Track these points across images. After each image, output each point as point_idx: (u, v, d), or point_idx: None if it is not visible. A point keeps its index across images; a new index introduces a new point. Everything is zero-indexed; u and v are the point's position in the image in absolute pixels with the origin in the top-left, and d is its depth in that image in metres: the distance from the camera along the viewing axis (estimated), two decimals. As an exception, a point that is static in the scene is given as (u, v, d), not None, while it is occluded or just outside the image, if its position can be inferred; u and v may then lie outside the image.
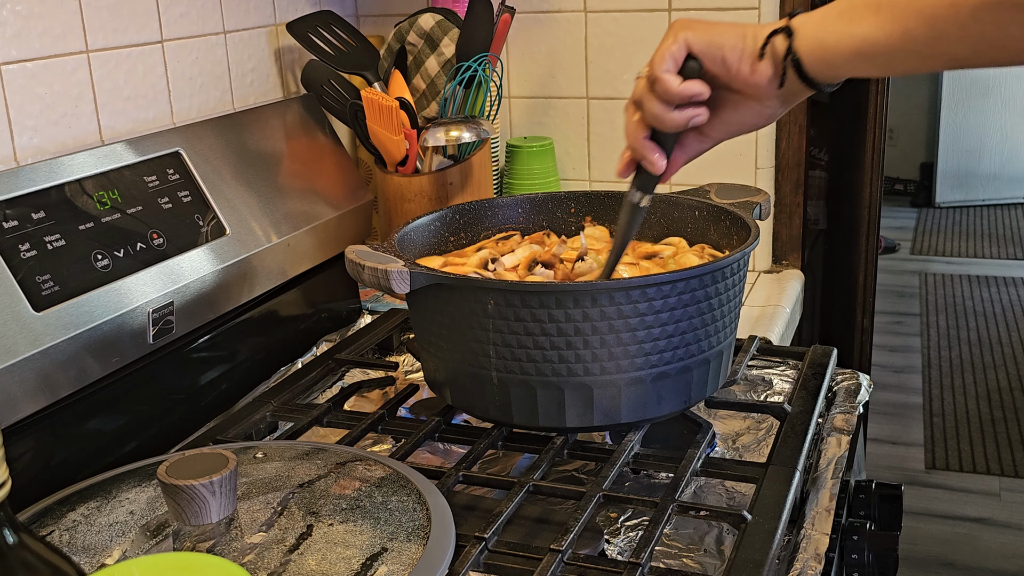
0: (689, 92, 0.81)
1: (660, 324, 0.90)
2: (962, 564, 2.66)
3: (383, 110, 1.35)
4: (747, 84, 0.80)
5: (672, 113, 0.82)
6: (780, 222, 1.56)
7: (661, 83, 0.81)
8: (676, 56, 0.81)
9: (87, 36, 1.09)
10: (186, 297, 1.06)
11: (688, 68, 0.81)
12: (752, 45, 0.79)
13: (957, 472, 3.08)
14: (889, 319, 4.17)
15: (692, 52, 0.81)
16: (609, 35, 1.54)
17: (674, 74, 0.81)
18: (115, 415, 1.01)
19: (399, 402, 1.08)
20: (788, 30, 0.77)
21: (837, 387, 1.14)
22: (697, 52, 0.81)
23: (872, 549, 0.96)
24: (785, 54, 0.77)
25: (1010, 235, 5.20)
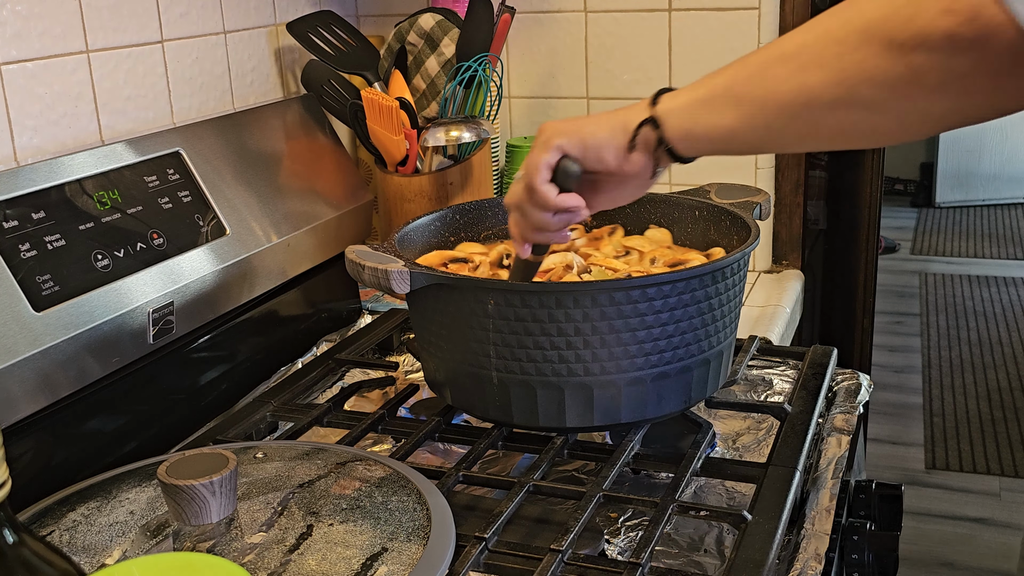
0: (565, 205, 0.84)
1: (660, 324, 0.90)
2: (962, 564, 2.66)
3: (383, 110, 1.35)
4: (624, 173, 0.84)
5: (552, 220, 0.86)
6: (780, 222, 1.56)
7: (539, 195, 0.84)
8: (551, 164, 0.84)
9: (87, 36, 1.09)
10: (186, 297, 1.06)
11: (563, 172, 0.83)
12: (623, 139, 0.82)
13: (957, 472, 3.08)
14: (889, 319, 4.17)
15: (568, 156, 0.84)
16: (609, 35, 1.54)
17: (549, 183, 0.84)
18: (115, 415, 1.01)
19: (399, 402, 1.08)
20: (654, 121, 0.79)
21: (837, 387, 1.14)
22: (573, 156, 0.84)
23: (872, 549, 0.96)
24: (656, 144, 0.80)
25: (1010, 235, 5.20)
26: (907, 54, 0.62)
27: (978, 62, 0.60)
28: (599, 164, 0.83)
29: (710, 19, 1.48)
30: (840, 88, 0.66)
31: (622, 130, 0.82)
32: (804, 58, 0.68)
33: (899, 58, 0.62)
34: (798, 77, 0.69)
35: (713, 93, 0.76)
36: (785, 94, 0.70)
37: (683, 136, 0.79)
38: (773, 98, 0.71)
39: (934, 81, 0.62)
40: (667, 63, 1.52)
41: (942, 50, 0.60)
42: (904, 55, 0.62)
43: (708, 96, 0.77)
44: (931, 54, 0.61)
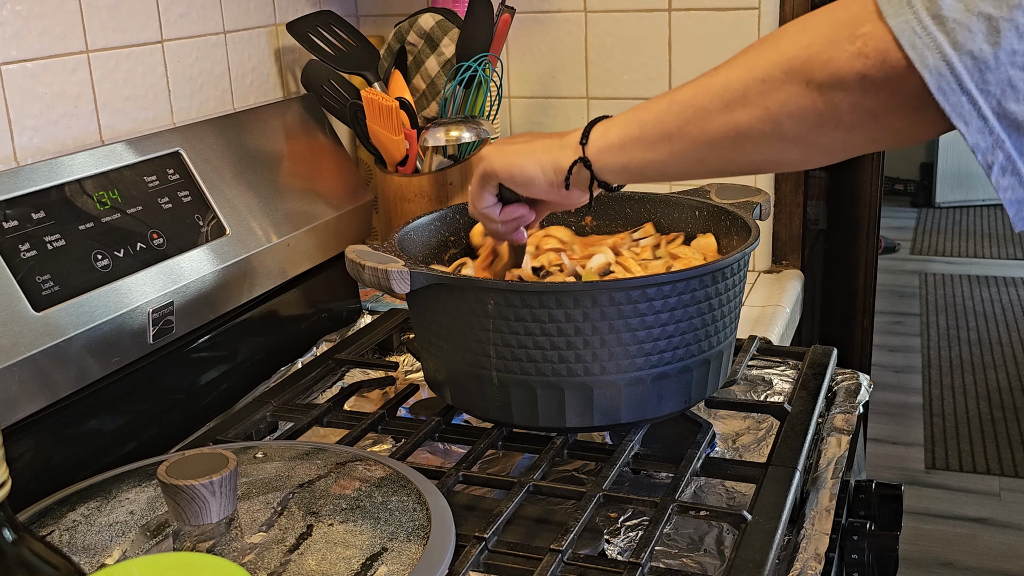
0: (510, 218, 0.95)
1: (660, 324, 0.90)
2: (962, 564, 2.66)
3: (383, 110, 1.35)
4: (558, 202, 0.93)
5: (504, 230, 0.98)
6: (780, 222, 1.56)
7: (485, 218, 0.96)
8: (490, 192, 0.94)
9: (87, 36, 1.09)
10: (186, 297, 1.06)
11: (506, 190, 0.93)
12: (555, 177, 0.88)
13: (957, 472, 3.08)
14: (889, 319, 4.17)
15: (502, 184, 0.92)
16: (609, 35, 1.54)
17: (493, 205, 0.95)
18: (115, 415, 1.01)
19: (399, 402, 1.08)
20: (587, 162, 0.85)
21: (837, 387, 1.14)
22: (507, 185, 0.92)
23: (872, 549, 0.96)
24: (591, 182, 0.86)
25: (1010, 235, 5.20)
26: (825, 93, 0.66)
27: (889, 100, 0.63)
28: (531, 191, 0.91)
29: (710, 19, 1.48)
30: (767, 125, 0.70)
31: (553, 169, 0.88)
32: (731, 95, 0.72)
33: (818, 96, 0.66)
34: (726, 115, 0.73)
35: (644, 131, 0.80)
36: (715, 131, 0.74)
37: (618, 171, 0.84)
38: (703, 135, 0.75)
39: (850, 118, 0.66)
40: (667, 63, 1.52)
41: (857, 90, 0.64)
42: (823, 94, 0.66)
43: (639, 135, 0.81)
44: (847, 93, 0.65)
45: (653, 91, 1.53)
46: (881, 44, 0.62)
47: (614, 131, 0.84)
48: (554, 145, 0.89)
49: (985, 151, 0.62)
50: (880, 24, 0.62)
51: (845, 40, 0.64)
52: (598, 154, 0.85)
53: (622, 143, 0.83)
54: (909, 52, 0.60)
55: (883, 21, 0.62)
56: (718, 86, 0.74)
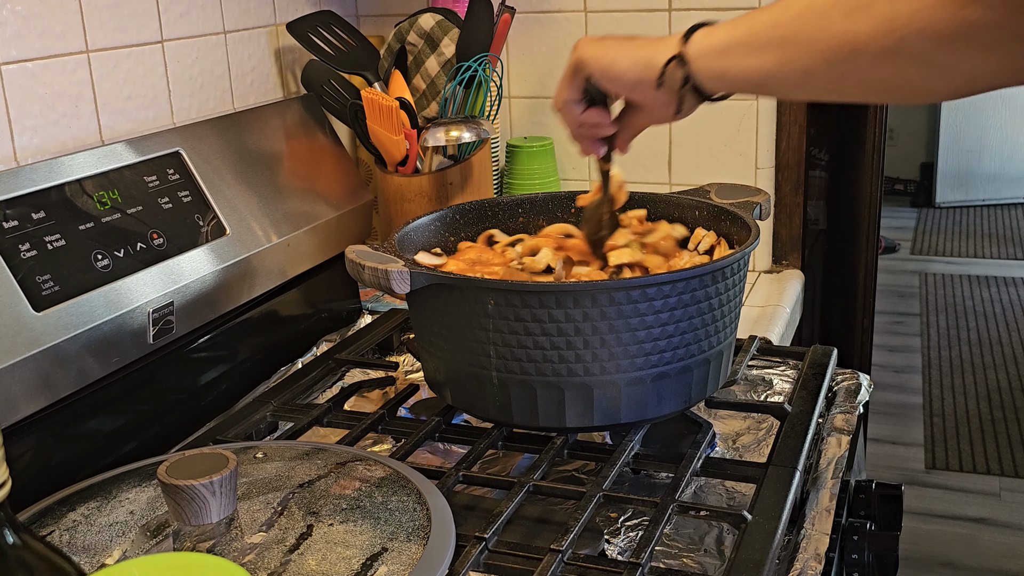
0: (588, 121, 0.91)
1: (660, 324, 0.90)
2: (962, 564, 2.66)
3: (383, 110, 1.35)
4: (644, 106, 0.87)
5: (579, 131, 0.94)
6: (780, 222, 1.56)
7: (564, 114, 0.92)
8: (577, 85, 0.88)
9: (87, 36, 1.09)
10: (186, 297, 1.06)
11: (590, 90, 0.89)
12: (646, 74, 0.83)
13: (957, 472, 3.08)
14: (889, 319, 4.17)
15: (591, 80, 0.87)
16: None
17: (576, 103, 0.90)
18: (115, 415, 1.01)
19: (399, 402, 1.08)
20: (682, 59, 0.79)
21: (837, 387, 1.14)
22: (596, 81, 0.87)
23: (872, 549, 0.96)
24: (682, 83, 0.80)
25: (1010, 235, 5.20)
26: (963, 7, 0.60)
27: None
28: (619, 91, 0.86)
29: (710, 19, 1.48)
30: (889, 38, 0.64)
31: (645, 64, 0.82)
32: (853, 3, 0.66)
33: (955, 11, 0.60)
34: (845, 23, 0.66)
35: (753, 34, 0.74)
36: (830, 39, 0.68)
37: (715, 76, 0.78)
38: (817, 43, 0.69)
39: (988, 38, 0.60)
40: (667, 63, 1.52)
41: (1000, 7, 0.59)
42: (960, 8, 0.60)
43: (747, 38, 0.74)
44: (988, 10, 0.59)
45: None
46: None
47: (719, 32, 0.77)
48: (652, 43, 0.82)
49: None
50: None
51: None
52: (698, 54, 0.78)
53: (727, 45, 0.76)
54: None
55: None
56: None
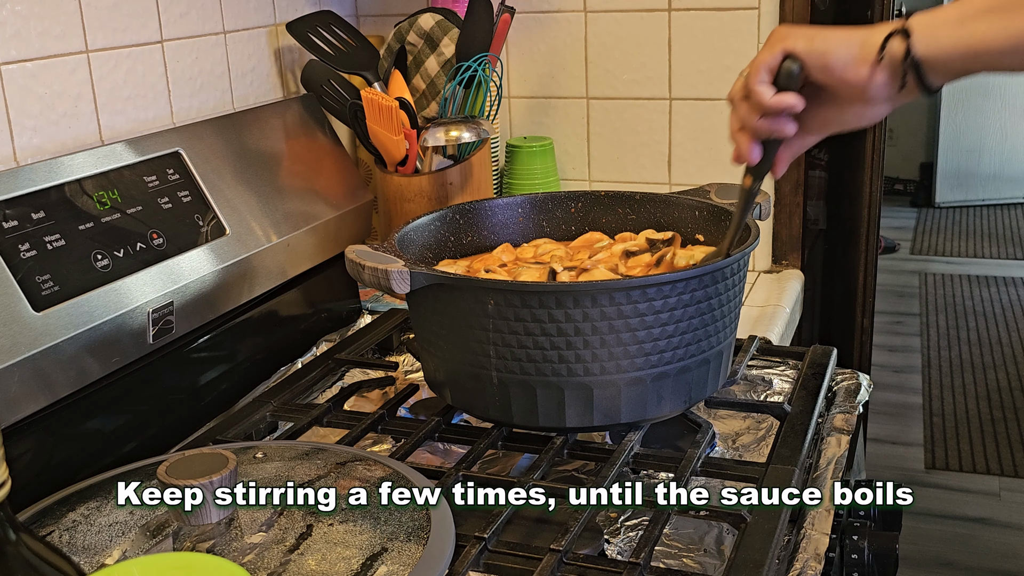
0: (781, 106, 0.80)
1: (660, 324, 0.90)
2: (962, 564, 2.66)
3: (383, 110, 1.35)
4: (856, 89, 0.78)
5: (759, 122, 0.82)
6: (780, 222, 1.56)
7: (755, 95, 0.80)
8: (771, 67, 0.79)
9: (87, 36, 1.09)
10: (186, 297, 1.06)
11: (786, 73, 0.79)
12: (867, 51, 0.75)
13: (957, 472, 3.08)
14: (889, 319, 4.17)
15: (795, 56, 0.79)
16: (609, 35, 1.54)
17: (768, 85, 0.80)
18: (115, 415, 1.01)
19: (399, 402, 1.08)
20: (905, 31, 0.73)
21: (837, 387, 1.14)
22: (799, 57, 0.78)
23: (872, 549, 0.96)
24: (904, 57, 0.73)
25: (1010, 235, 5.20)
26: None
27: None
28: (825, 73, 0.78)
29: (710, 19, 1.48)
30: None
31: (862, 42, 0.75)
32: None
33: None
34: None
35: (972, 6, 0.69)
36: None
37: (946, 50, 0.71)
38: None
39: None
40: (667, 63, 1.52)
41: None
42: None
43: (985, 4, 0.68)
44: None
45: (653, 91, 1.54)
46: None
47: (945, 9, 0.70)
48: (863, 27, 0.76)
49: None
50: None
51: None
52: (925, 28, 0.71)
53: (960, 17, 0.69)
54: None
55: None
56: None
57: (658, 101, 1.54)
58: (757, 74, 0.80)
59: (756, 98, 0.80)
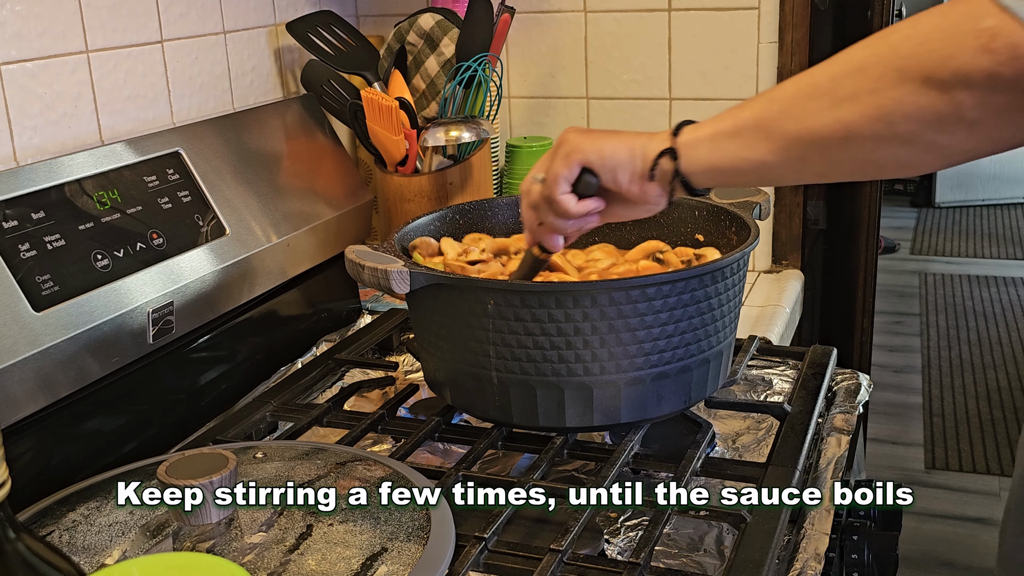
0: (585, 211, 0.87)
1: (660, 324, 0.90)
2: (962, 564, 2.66)
3: (383, 110, 1.35)
4: (637, 198, 0.85)
5: (567, 225, 0.89)
6: (780, 222, 1.56)
7: (559, 204, 0.87)
8: (570, 178, 0.86)
9: (87, 36, 1.09)
10: (186, 297, 1.06)
11: (585, 183, 0.86)
12: (641, 166, 0.83)
13: (957, 472, 3.08)
14: (889, 319, 4.17)
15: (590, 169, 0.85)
16: (609, 35, 1.54)
17: (570, 195, 0.87)
18: (115, 415, 1.01)
19: (399, 402, 1.08)
20: (673, 152, 0.80)
21: (837, 387, 1.14)
22: (595, 170, 0.85)
23: (872, 549, 0.96)
24: (672, 176, 0.81)
25: (1010, 235, 5.20)
26: (947, 91, 0.63)
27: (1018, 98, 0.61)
28: (614, 184, 0.85)
29: (710, 19, 1.48)
30: (879, 124, 0.67)
31: (641, 155, 0.83)
32: (840, 93, 0.68)
33: (939, 95, 0.63)
34: (834, 112, 0.69)
35: (740, 127, 0.76)
36: (822, 128, 0.70)
37: (705, 169, 0.79)
38: (809, 133, 0.71)
39: (973, 116, 0.63)
40: (667, 63, 1.52)
41: (982, 87, 0.61)
42: (944, 92, 0.63)
43: (735, 129, 0.76)
44: (971, 91, 0.62)
45: (653, 91, 1.54)
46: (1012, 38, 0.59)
47: (706, 128, 0.79)
48: (643, 136, 0.83)
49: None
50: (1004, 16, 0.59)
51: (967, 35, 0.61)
52: (687, 146, 0.79)
53: (714, 138, 0.77)
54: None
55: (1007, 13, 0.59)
56: (825, 82, 0.70)
57: (658, 101, 1.54)
58: (558, 186, 0.86)
59: (562, 207, 0.87)
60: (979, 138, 0.65)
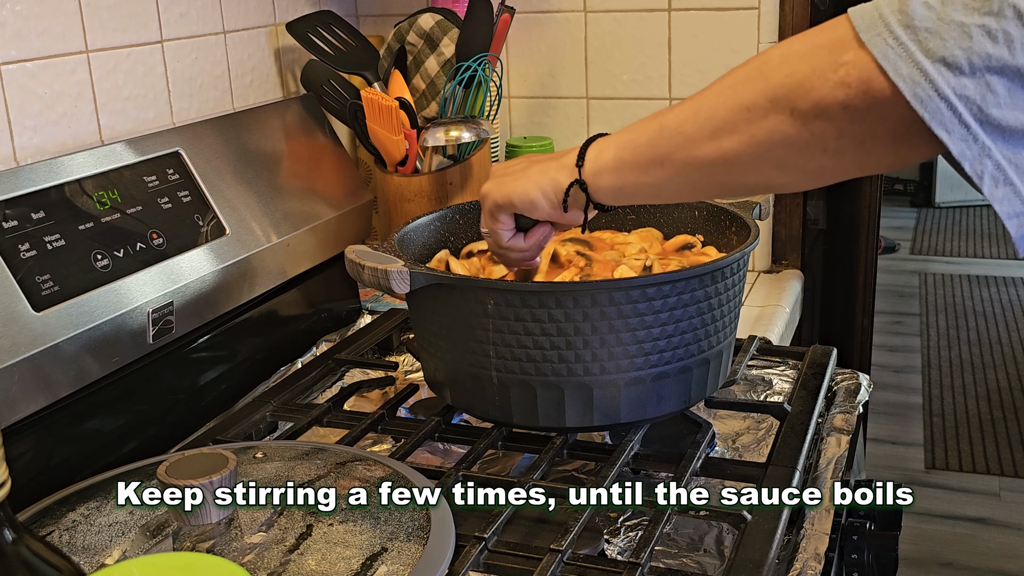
0: (535, 241, 0.95)
1: (660, 324, 0.90)
2: (962, 564, 2.66)
3: (383, 110, 1.35)
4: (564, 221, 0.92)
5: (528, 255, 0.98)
6: (780, 222, 1.56)
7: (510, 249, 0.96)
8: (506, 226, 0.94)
9: (87, 36, 1.09)
10: (186, 297, 1.06)
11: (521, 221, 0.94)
12: (555, 199, 0.89)
13: (957, 472, 3.08)
14: (889, 319, 4.17)
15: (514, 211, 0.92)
16: (609, 35, 1.54)
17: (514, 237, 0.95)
18: (115, 415, 1.01)
19: (399, 402, 1.08)
20: (582, 184, 0.86)
21: (837, 387, 1.14)
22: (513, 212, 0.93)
23: (872, 549, 0.96)
24: (586, 204, 0.87)
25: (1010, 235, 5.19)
26: (809, 122, 0.66)
27: (875, 127, 0.64)
28: (541, 216, 0.92)
29: (710, 19, 1.48)
30: (753, 151, 0.71)
31: (553, 190, 0.88)
32: (717, 124, 0.73)
33: (803, 126, 0.66)
34: (714, 143, 0.73)
35: (637, 155, 0.81)
36: (704, 157, 0.75)
37: (611, 194, 0.85)
38: (693, 161, 0.76)
39: (836, 144, 0.66)
40: (667, 63, 1.52)
41: (841, 119, 0.64)
42: (807, 123, 0.66)
43: (632, 159, 0.81)
44: (831, 122, 0.65)
45: (653, 91, 1.54)
46: (864, 73, 0.62)
47: (608, 153, 0.84)
48: (551, 167, 0.89)
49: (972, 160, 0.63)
50: (861, 52, 0.62)
51: (828, 69, 0.64)
52: (593, 176, 0.85)
53: (616, 166, 0.83)
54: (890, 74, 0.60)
55: (864, 48, 0.62)
56: (705, 113, 0.74)
57: (658, 101, 1.54)
58: (500, 236, 0.95)
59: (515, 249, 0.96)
60: (847, 164, 0.68)
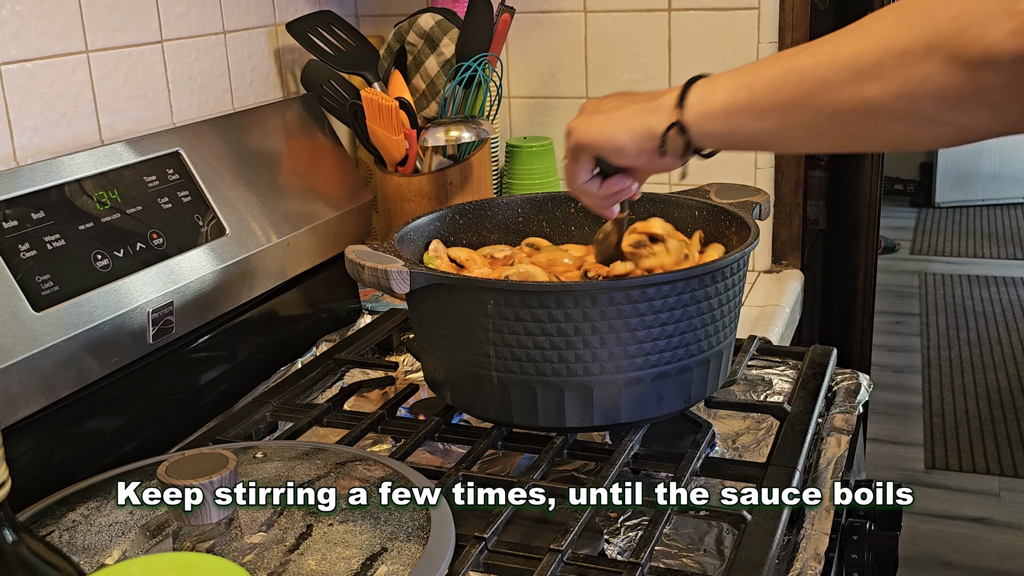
0: (611, 192, 0.89)
1: (660, 324, 0.90)
2: (962, 564, 2.66)
3: (383, 110, 1.35)
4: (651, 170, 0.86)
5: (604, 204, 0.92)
6: (780, 222, 1.56)
7: (583, 193, 0.90)
8: (586, 167, 0.88)
9: (87, 36, 1.09)
10: (186, 297, 1.06)
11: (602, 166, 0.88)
12: (648, 145, 0.82)
13: (957, 472, 3.08)
14: (889, 319, 4.17)
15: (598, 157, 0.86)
16: (609, 35, 1.54)
17: (590, 181, 0.88)
18: (115, 415, 1.01)
19: (399, 402, 1.08)
20: (681, 126, 0.78)
21: (837, 387, 1.14)
22: (599, 156, 0.86)
23: (872, 549, 0.96)
24: (684, 149, 0.80)
25: (1010, 235, 5.20)
26: (974, 72, 0.61)
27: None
28: (624, 164, 0.86)
29: (710, 19, 1.48)
30: (901, 101, 0.65)
31: (645, 135, 0.81)
32: (862, 67, 0.66)
33: (964, 75, 0.62)
34: (855, 88, 0.67)
35: (756, 99, 0.74)
36: (840, 104, 0.68)
37: (718, 139, 0.78)
38: (827, 108, 0.69)
39: (997, 98, 0.62)
40: (667, 63, 1.52)
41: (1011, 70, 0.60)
42: (971, 72, 0.61)
43: (749, 102, 0.74)
44: (999, 73, 0.60)
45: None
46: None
47: (718, 95, 0.77)
48: (646, 109, 0.82)
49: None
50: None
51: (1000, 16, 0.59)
52: (698, 120, 0.78)
53: (727, 110, 0.75)
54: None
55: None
56: (847, 56, 0.67)
57: (658, 101, 1.54)
58: (576, 179, 0.89)
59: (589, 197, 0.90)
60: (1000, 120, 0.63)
